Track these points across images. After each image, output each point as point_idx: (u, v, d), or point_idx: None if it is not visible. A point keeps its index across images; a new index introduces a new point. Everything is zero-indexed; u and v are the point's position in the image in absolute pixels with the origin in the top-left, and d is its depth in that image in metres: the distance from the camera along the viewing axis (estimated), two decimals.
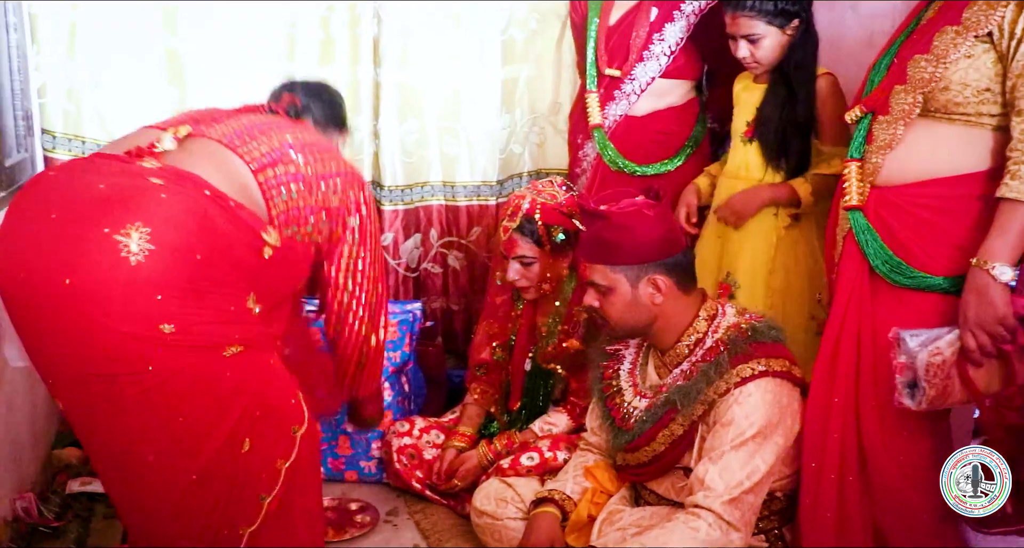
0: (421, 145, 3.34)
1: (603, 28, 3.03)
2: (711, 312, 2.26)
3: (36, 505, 2.50)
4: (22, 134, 2.95)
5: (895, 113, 2.04)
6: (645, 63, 2.97)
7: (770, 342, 2.19)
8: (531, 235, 2.67)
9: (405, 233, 3.39)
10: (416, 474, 2.81)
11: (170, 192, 1.77)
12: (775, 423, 2.12)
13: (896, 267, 2.05)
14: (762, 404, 2.11)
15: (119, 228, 1.69)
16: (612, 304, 2.24)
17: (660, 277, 2.20)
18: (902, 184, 2.06)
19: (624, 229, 2.20)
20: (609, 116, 3.02)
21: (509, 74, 3.39)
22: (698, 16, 2.94)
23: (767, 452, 2.10)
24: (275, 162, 1.95)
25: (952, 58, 1.93)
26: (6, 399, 2.43)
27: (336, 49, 3.19)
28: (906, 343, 1.94)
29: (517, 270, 2.71)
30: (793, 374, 2.18)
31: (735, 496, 2.07)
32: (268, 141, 1.98)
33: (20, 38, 2.90)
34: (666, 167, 3.05)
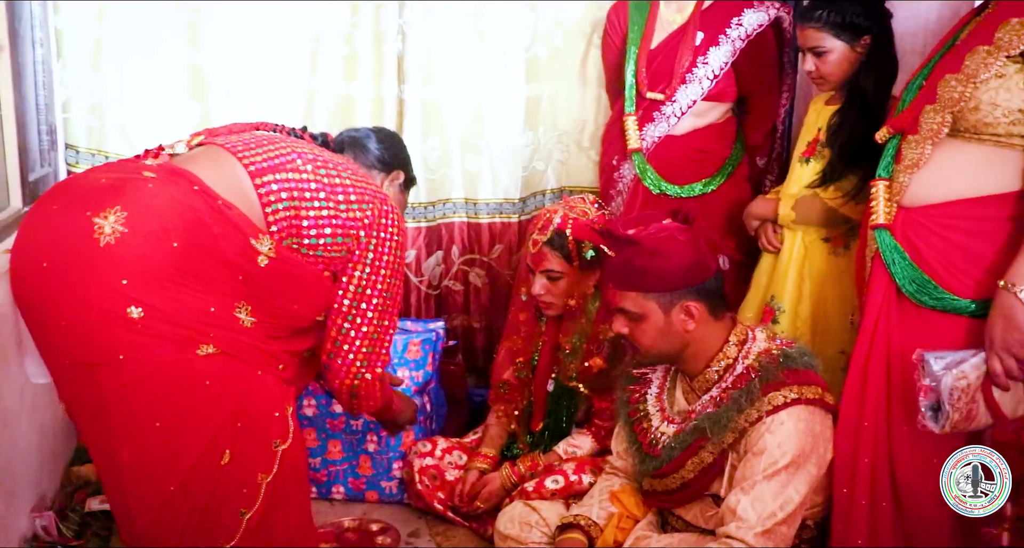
0: (444, 162, 3.32)
1: (644, 51, 3.02)
2: (741, 337, 2.22)
3: (55, 523, 2.48)
4: (46, 148, 2.94)
5: (924, 133, 2.01)
6: (687, 86, 2.96)
7: (802, 369, 2.14)
8: (561, 249, 2.64)
9: (427, 250, 3.37)
10: (438, 495, 2.78)
11: (157, 183, 1.79)
12: (808, 452, 2.07)
13: (923, 287, 2.01)
14: (795, 433, 2.06)
15: (99, 212, 1.71)
16: (644, 331, 2.20)
17: (693, 303, 2.16)
18: (929, 204, 2.03)
19: (656, 255, 2.15)
20: (647, 137, 3.00)
21: (533, 91, 3.37)
22: (744, 42, 2.93)
23: (800, 482, 2.06)
24: (276, 168, 1.91)
25: (983, 78, 1.90)
26: (25, 416, 2.41)
27: (360, 65, 3.18)
28: (930, 365, 1.90)
29: (543, 285, 2.68)
30: (825, 401, 2.14)
31: (768, 528, 2.03)
32: (276, 150, 1.95)
33: (45, 53, 2.90)
34: (708, 187, 3.03)
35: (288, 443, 1.93)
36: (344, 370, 2.09)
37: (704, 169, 3.05)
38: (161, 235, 1.73)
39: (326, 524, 2.72)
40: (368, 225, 2.01)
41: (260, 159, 1.91)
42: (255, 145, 1.95)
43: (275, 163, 1.91)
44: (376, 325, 2.08)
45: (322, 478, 2.90)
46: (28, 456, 2.43)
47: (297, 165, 1.93)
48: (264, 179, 1.89)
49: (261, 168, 1.89)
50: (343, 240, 1.98)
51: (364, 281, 2.04)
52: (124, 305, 1.70)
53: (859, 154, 2.46)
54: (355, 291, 2.04)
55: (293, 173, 1.92)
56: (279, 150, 1.95)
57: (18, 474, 2.34)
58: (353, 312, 2.05)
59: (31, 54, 2.80)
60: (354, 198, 1.99)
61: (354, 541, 2.66)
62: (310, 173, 1.94)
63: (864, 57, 2.55)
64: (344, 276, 2.03)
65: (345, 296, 2.04)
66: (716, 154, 3.07)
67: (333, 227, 1.95)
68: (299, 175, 1.92)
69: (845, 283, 2.58)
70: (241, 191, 1.86)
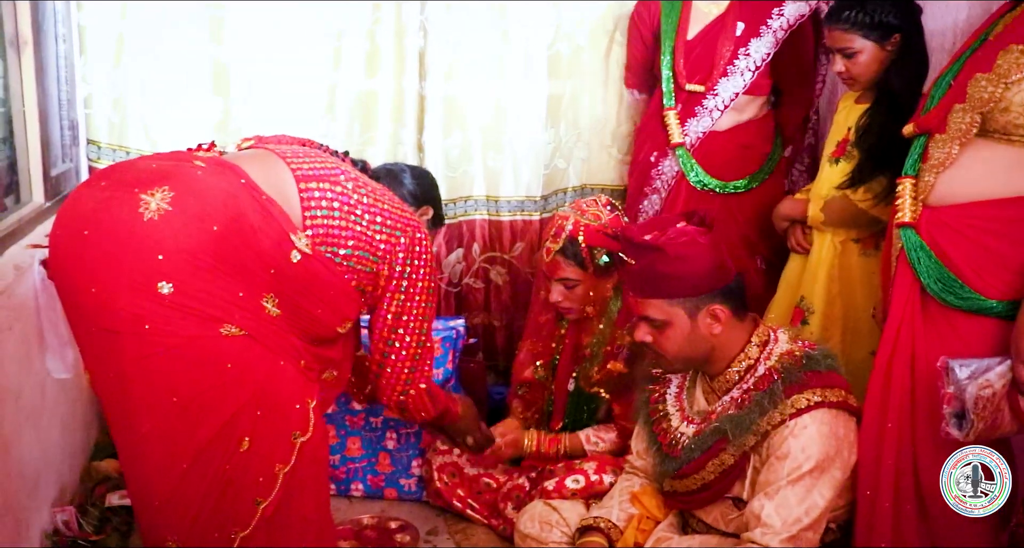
0: (465, 159, 3.31)
1: (681, 43, 2.99)
2: (763, 338, 2.19)
3: (76, 518, 2.48)
4: (68, 144, 2.95)
5: (952, 132, 1.98)
6: (729, 78, 2.93)
7: (825, 371, 2.11)
8: (574, 258, 2.61)
9: (448, 247, 3.36)
10: (458, 492, 2.77)
11: (206, 171, 1.85)
12: (832, 456, 2.05)
13: (949, 286, 1.99)
14: (818, 437, 2.04)
15: (147, 189, 1.77)
16: (669, 339, 2.17)
17: (719, 307, 2.14)
18: (955, 204, 2.00)
19: (679, 260, 2.12)
20: (690, 133, 2.98)
21: (555, 89, 3.35)
22: (786, 32, 2.90)
23: (824, 486, 2.03)
24: (320, 178, 1.97)
25: (1015, 78, 1.87)
26: (46, 411, 2.42)
27: (382, 61, 3.17)
28: (955, 373, 1.88)
29: (560, 292, 2.66)
30: (849, 403, 2.11)
31: (794, 533, 2.00)
32: (322, 163, 2.01)
33: (68, 49, 2.90)
34: (751, 184, 3.01)
35: (308, 436, 1.95)
36: (390, 388, 2.23)
37: (748, 166, 3.03)
38: (204, 217, 1.78)
39: (345, 521, 2.72)
40: (405, 249, 2.08)
41: (307, 167, 1.97)
42: (303, 155, 2.02)
43: (320, 173, 1.98)
44: (416, 347, 2.19)
45: (341, 475, 2.90)
46: (49, 451, 2.44)
47: (340, 180, 2.00)
48: (308, 185, 1.94)
49: (307, 175, 1.95)
50: (374, 259, 2.04)
51: (401, 306, 2.13)
52: (156, 279, 1.74)
53: (889, 155, 2.41)
54: (394, 316, 2.14)
55: (336, 186, 1.98)
56: (325, 164, 2.02)
57: (39, 469, 2.35)
58: (393, 336, 2.16)
59: (54, 50, 2.80)
60: (390, 223, 2.06)
61: (373, 539, 2.66)
62: (351, 191, 2.00)
63: (894, 55, 2.52)
64: (382, 301, 2.12)
65: (383, 321, 2.15)
66: (758, 149, 3.04)
67: (366, 244, 2.01)
68: (341, 189, 1.99)
69: (875, 284, 2.55)
70: (284, 192, 1.92)
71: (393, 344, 2.17)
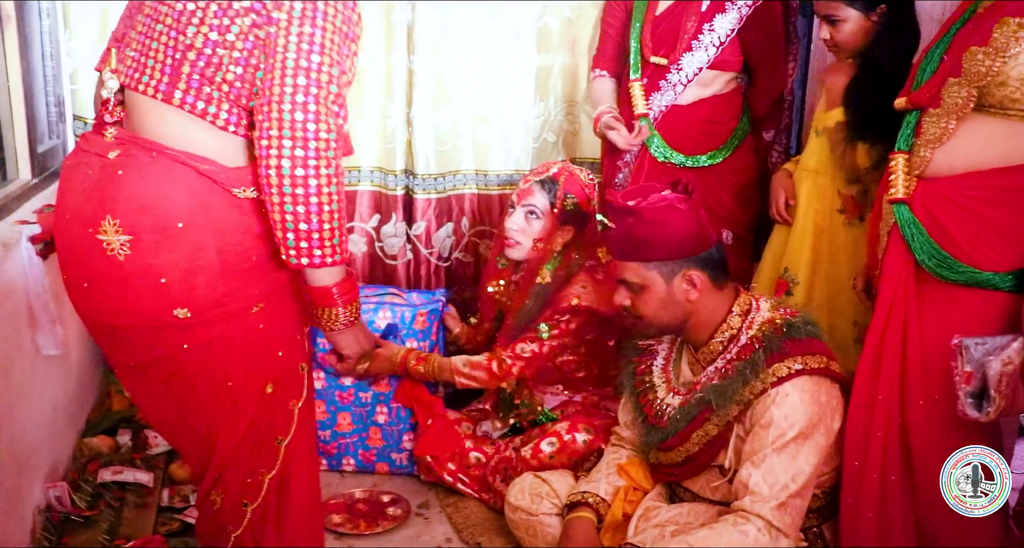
0: (454, 133, 3.30)
1: (650, 17, 2.99)
2: (745, 307, 2.21)
3: (68, 494, 2.50)
4: (54, 120, 2.94)
5: (947, 107, 1.96)
6: (693, 53, 2.92)
7: (806, 338, 2.13)
8: (548, 192, 2.75)
9: (437, 222, 3.35)
10: (448, 466, 2.78)
11: (125, 168, 1.66)
12: (815, 423, 2.06)
13: (943, 261, 1.98)
14: (800, 404, 2.05)
15: (96, 227, 1.65)
16: (646, 302, 2.20)
17: (695, 272, 2.16)
18: (952, 175, 1.99)
19: (657, 224, 2.15)
20: (654, 107, 2.97)
21: (544, 62, 3.35)
22: (750, 8, 2.89)
23: (809, 453, 2.05)
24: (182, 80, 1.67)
25: (1013, 52, 1.85)
26: (37, 388, 2.42)
27: (370, 35, 3.14)
28: (971, 352, 1.86)
29: (521, 218, 2.77)
30: (831, 369, 2.12)
31: (783, 501, 2.02)
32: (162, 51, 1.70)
33: (52, 24, 2.88)
34: (714, 159, 3.01)
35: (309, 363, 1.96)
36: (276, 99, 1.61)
37: (711, 140, 3.02)
38: (161, 226, 1.64)
39: (336, 496, 2.74)
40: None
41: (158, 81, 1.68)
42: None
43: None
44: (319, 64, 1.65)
45: (332, 450, 2.91)
46: (41, 428, 2.44)
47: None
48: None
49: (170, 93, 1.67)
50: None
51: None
52: (170, 310, 1.67)
53: (877, 121, 2.41)
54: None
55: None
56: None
57: (31, 446, 2.35)
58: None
59: (38, 25, 2.78)
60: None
61: (365, 512, 2.67)
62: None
63: (880, 26, 2.52)
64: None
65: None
66: (723, 125, 3.03)
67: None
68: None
69: (859, 254, 2.55)
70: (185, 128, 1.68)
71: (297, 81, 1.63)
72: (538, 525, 2.38)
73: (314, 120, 1.61)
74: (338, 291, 1.78)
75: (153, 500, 2.63)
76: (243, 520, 1.92)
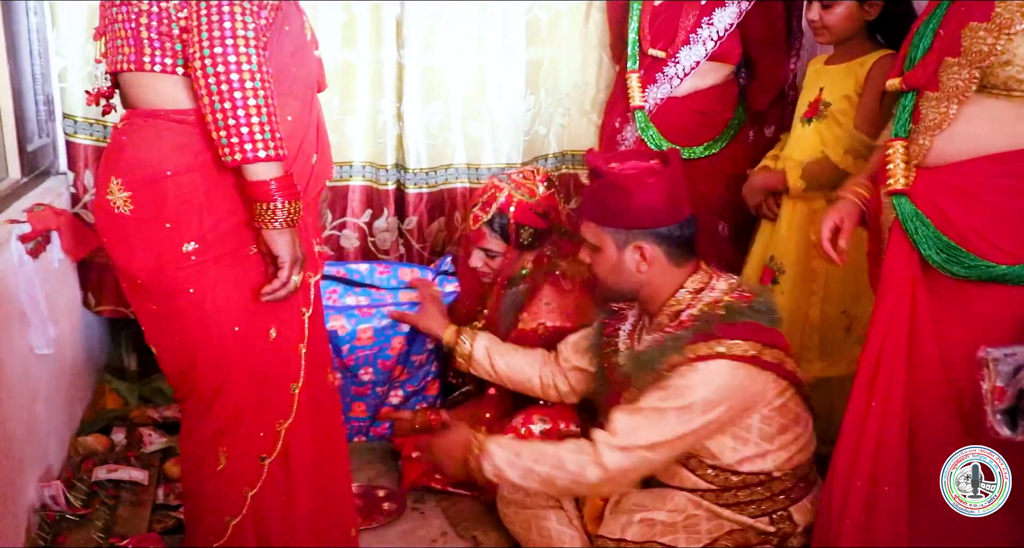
0: (445, 127, 3.29)
1: (648, 7, 2.99)
2: (698, 285, 2.20)
3: (63, 493, 2.49)
4: (43, 119, 2.93)
5: (946, 90, 1.81)
6: (691, 46, 2.93)
7: (743, 323, 2.11)
8: (500, 231, 2.69)
9: (429, 216, 3.35)
10: (435, 476, 2.77)
11: (127, 133, 1.84)
12: (714, 403, 2.06)
13: (953, 255, 1.83)
14: (702, 383, 2.06)
15: (106, 189, 1.84)
16: (599, 263, 2.25)
17: (647, 245, 2.17)
18: (957, 162, 1.84)
19: (620, 191, 2.16)
20: (650, 99, 2.98)
21: (534, 55, 3.33)
22: (750, 3, 2.90)
23: (685, 424, 2.06)
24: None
25: (1018, 28, 1.70)
26: (30, 387, 2.42)
27: (358, 31, 3.13)
28: (999, 365, 1.68)
29: (480, 258, 2.75)
30: (761, 358, 2.09)
31: (627, 445, 2.08)
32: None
33: (40, 21, 2.87)
34: (710, 150, 3.01)
35: (311, 309, 2.00)
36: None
37: (706, 132, 3.03)
38: (152, 178, 1.79)
39: None
40: None
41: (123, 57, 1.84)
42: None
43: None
44: None
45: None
46: (34, 427, 2.44)
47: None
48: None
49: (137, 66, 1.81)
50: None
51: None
52: (179, 246, 1.81)
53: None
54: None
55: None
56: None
57: (25, 444, 2.35)
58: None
59: (25, 23, 2.77)
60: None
61: (360, 507, 2.67)
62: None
63: (873, 19, 2.52)
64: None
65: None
66: (718, 116, 3.04)
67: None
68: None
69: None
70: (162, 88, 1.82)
71: None
72: (532, 519, 2.39)
73: (229, 18, 1.68)
74: (276, 185, 1.76)
75: (148, 498, 2.63)
76: (260, 477, 1.96)
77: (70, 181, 3.03)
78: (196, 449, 2.00)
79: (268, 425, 1.94)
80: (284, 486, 2.00)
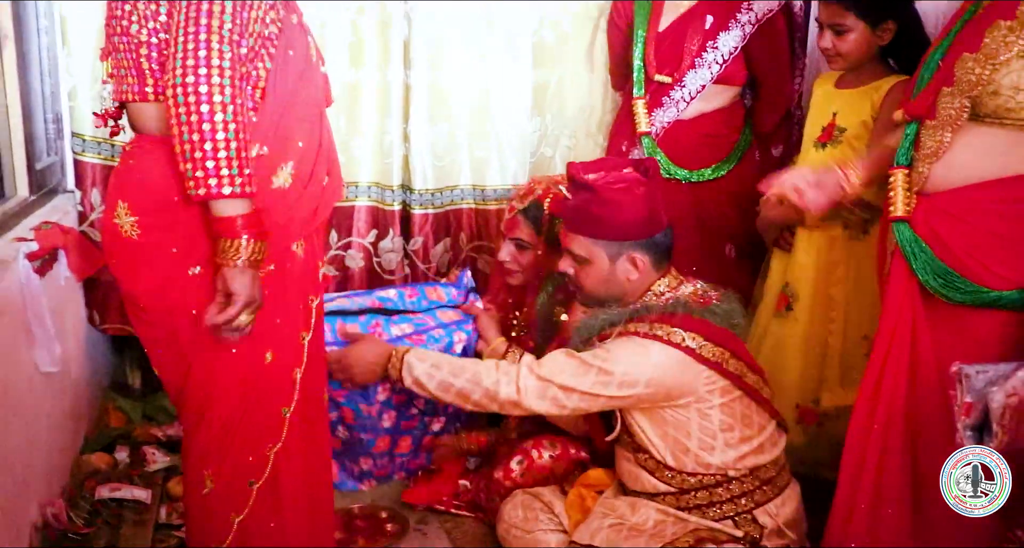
0: (451, 148, 3.30)
1: (652, 34, 3.01)
2: (665, 288, 2.26)
3: (66, 511, 2.49)
4: (52, 137, 2.94)
5: (942, 118, 1.87)
6: (696, 70, 2.95)
7: (684, 315, 2.16)
8: (534, 221, 2.69)
9: (435, 237, 3.36)
10: (441, 498, 2.77)
11: (134, 156, 1.85)
12: (634, 380, 2.13)
13: (949, 281, 1.88)
14: (628, 356, 2.14)
15: (113, 213, 1.84)
16: (588, 275, 2.28)
17: (639, 255, 2.23)
18: (953, 189, 1.89)
19: (611, 205, 2.21)
20: (656, 122, 2.99)
21: (540, 77, 3.36)
22: (754, 26, 2.92)
23: (601, 386, 2.15)
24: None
25: (1003, 58, 1.75)
26: (33, 404, 2.42)
27: (366, 51, 3.15)
28: (971, 380, 1.72)
29: (510, 251, 2.74)
30: (696, 352, 2.13)
31: (546, 380, 2.19)
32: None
33: (51, 41, 2.89)
34: (718, 172, 3.02)
35: (311, 334, 1.99)
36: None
37: (713, 154, 3.04)
38: (159, 205, 1.79)
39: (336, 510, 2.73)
40: None
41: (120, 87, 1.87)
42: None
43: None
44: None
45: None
46: (37, 445, 2.44)
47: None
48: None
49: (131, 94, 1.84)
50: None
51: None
52: (184, 270, 1.80)
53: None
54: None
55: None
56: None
57: (28, 462, 2.35)
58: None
59: (36, 43, 2.79)
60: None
61: (363, 528, 2.66)
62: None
63: (887, 44, 2.51)
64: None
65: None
66: (725, 138, 3.05)
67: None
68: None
69: (864, 268, 2.53)
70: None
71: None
72: (533, 542, 2.38)
73: (205, 47, 1.64)
74: (243, 222, 1.70)
75: (151, 517, 2.62)
76: (248, 502, 1.93)
77: (77, 199, 3.04)
78: (186, 471, 1.99)
79: (257, 449, 1.91)
80: (272, 512, 1.96)
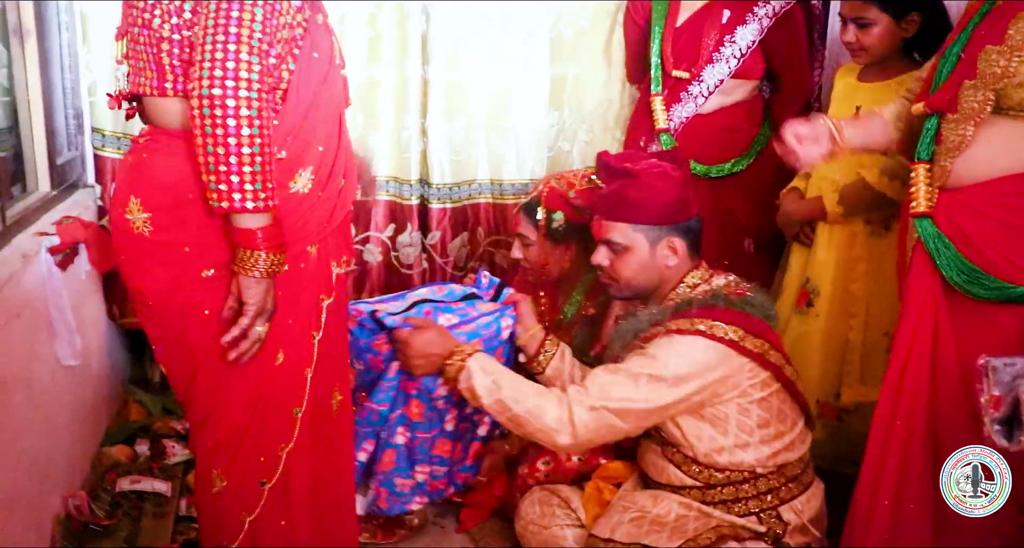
0: (469, 143, 3.30)
1: (669, 30, 3.00)
2: (697, 280, 2.26)
3: (87, 503, 2.51)
4: (73, 132, 2.96)
5: (964, 112, 1.84)
6: (714, 65, 2.94)
7: (724, 308, 2.15)
8: (532, 217, 2.69)
9: (452, 232, 3.36)
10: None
11: (148, 151, 1.81)
12: (685, 377, 2.10)
13: (973, 277, 1.85)
14: (676, 355, 2.11)
15: (124, 208, 1.80)
16: (627, 264, 2.27)
17: (677, 240, 2.23)
18: (976, 183, 1.87)
19: (650, 188, 2.23)
20: (675, 118, 2.99)
21: (558, 71, 3.35)
22: (772, 19, 2.91)
23: (657, 393, 2.10)
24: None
25: None
26: (55, 398, 2.44)
27: (384, 46, 3.16)
28: (999, 373, 1.66)
29: (518, 247, 2.76)
30: (739, 344, 2.11)
31: (597, 407, 2.11)
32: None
33: (71, 37, 2.91)
34: (737, 167, 3.01)
35: (321, 332, 1.96)
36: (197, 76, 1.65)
37: (733, 148, 3.03)
38: (173, 201, 1.76)
39: None
40: None
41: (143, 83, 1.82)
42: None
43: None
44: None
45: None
46: (59, 438, 2.46)
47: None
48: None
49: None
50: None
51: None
52: (197, 272, 1.78)
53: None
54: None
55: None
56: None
57: (50, 455, 2.37)
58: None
59: (57, 39, 2.81)
60: None
61: (382, 522, 2.66)
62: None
63: (910, 36, 2.49)
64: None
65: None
66: (744, 132, 3.04)
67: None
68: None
69: (885, 264, 2.51)
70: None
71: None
72: (551, 538, 2.38)
73: (233, 58, 1.62)
74: (262, 235, 1.71)
75: (171, 509, 2.64)
76: (259, 501, 1.92)
77: (97, 194, 3.07)
78: (196, 468, 1.98)
79: (269, 449, 1.90)
80: (284, 512, 1.95)
